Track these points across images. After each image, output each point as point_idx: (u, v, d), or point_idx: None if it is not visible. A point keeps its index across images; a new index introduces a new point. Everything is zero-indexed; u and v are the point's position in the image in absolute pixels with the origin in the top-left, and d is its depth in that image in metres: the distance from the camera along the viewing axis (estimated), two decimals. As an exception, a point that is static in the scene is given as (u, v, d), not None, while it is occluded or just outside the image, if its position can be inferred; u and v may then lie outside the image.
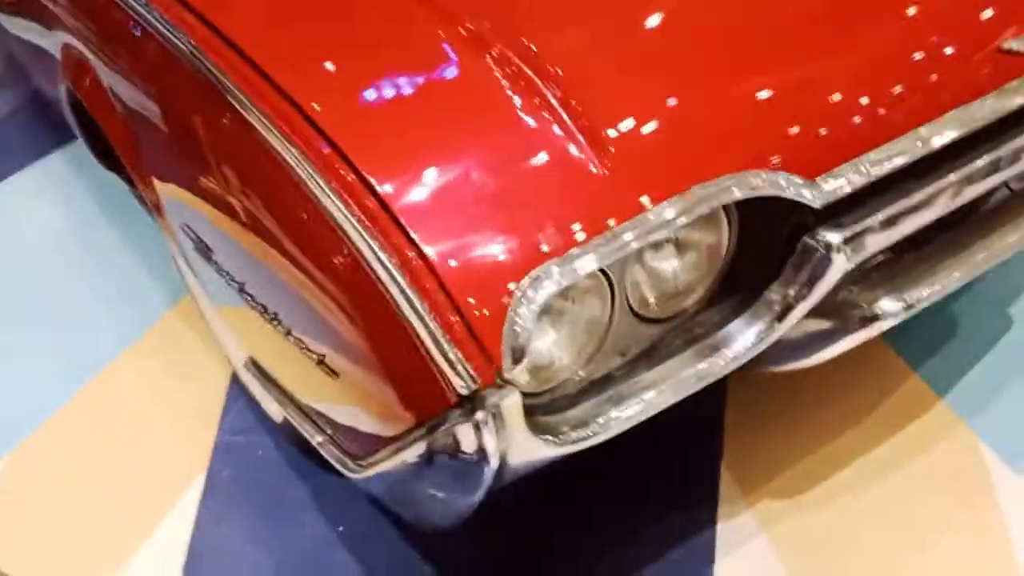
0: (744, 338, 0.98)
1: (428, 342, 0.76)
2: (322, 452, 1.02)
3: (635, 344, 1.00)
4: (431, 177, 0.83)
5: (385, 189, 0.81)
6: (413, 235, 0.79)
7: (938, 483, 1.49)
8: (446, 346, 0.76)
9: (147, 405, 1.76)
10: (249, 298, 0.98)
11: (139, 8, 1.04)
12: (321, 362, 0.90)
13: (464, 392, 0.76)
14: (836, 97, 0.95)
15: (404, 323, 0.77)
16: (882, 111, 0.97)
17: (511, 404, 0.80)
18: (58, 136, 2.30)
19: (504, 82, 0.87)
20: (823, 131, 0.94)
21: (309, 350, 0.91)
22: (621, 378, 0.97)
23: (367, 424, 0.90)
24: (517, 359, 0.79)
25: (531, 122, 0.86)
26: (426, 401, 0.79)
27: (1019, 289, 1.79)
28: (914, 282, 1.10)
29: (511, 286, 0.80)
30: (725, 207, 0.96)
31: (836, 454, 1.54)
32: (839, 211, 0.95)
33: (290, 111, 0.86)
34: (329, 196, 0.79)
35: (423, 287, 0.78)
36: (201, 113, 0.96)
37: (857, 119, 0.95)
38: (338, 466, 0.99)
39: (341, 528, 1.51)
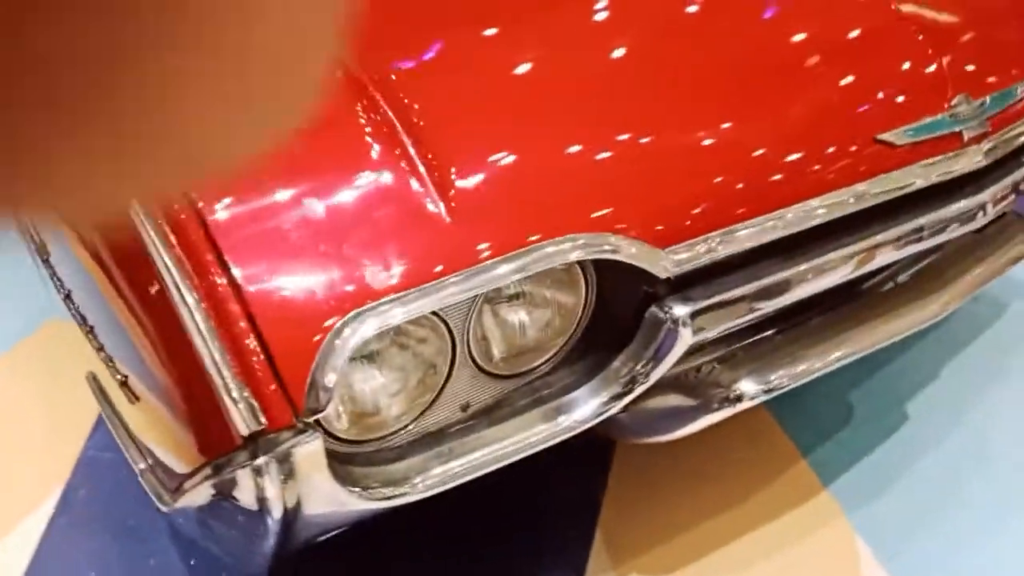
0: (587, 407, 0.94)
1: (214, 375, 0.70)
2: (141, 480, 0.95)
3: (477, 399, 0.95)
4: (259, 204, 0.78)
5: (207, 211, 0.76)
6: (226, 259, 0.74)
7: (809, 572, 1.45)
8: (230, 382, 0.70)
9: (19, 409, 1.67)
10: (73, 308, 0.92)
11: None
12: (124, 384, 0.83)
13: (245, 433, 0.71)
14: (698, 169, 0.92)
15: (197, 353, 0.71)
16: (744, 187, 0.94)
17: (308, 450, 0.74)
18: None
19: (366, 125, 0.83)
20: (680, 201, 0.91)
21: (115, 368, 0.84)
22: (456, 433, 0.92)
23: (165, 456, 0.84)
24: (321, 403, 0.73)
25: (379, 164, 0.82)
26: (214, 440, 0.73)
27: (918, 384, 1.78)
28: (779, 364, 1.07)
29: (326, 324, 0.75)
30: (583, 268, 0.93)
31: (712, 531, 1.50)
32: (693, 283, 0.92)
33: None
34: (138, 211, 0.74)
35: (227, 315, 0.72)
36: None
37: (718, 193, 0.92)
38: (153, 497, 0.92)
39: (193, 562, 1.43)
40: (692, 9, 1.08)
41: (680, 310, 0.91)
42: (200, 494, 0.77)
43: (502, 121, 0.89)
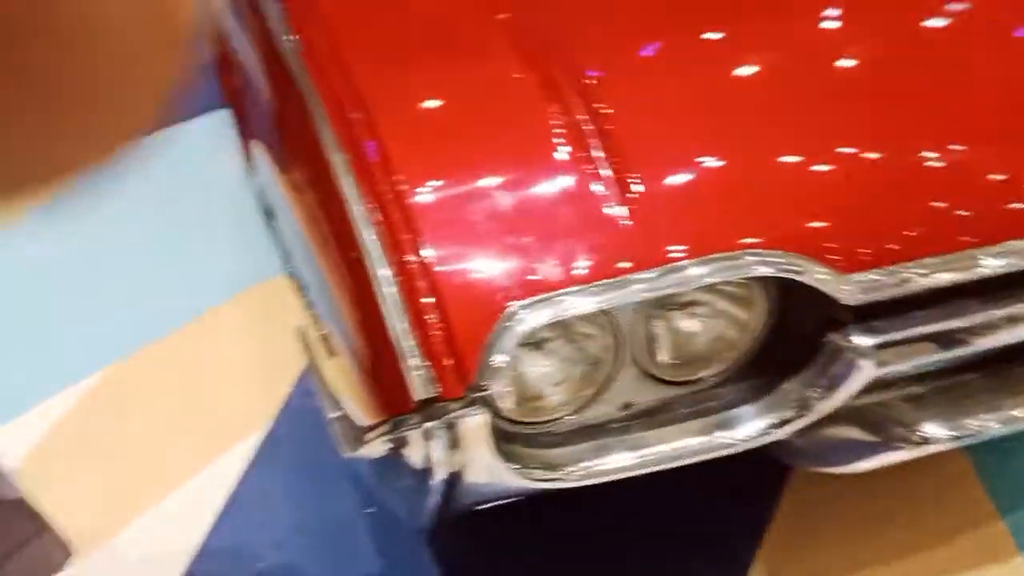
0: (751, 426, 0.93)
1: (398, 343, 0.77)
2: (329, 427, 1.06)
3: (641, 401, 0.97)
4: (455, 190, 0.85)
5: (409, 194, 0.83)
6: (420, 239, 0.81)
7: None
8: (412, 350, 0.77)
9: (238, 351, 1.88)
10: (291, 267, 1.03)
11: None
12: (324, 339, 0.93)
13: (419, 399, 0.77)
14: (896, 196, 0.88)
15: (386, 321, 0.79)
16: (968, 216, 0.89)
17: (474, 423, 0.80)
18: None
19: (557, 126, 0.87)
20: (874, 227, 0.87)
21: (319, 324, 0.94)
22: (615, 431, 0.95)
23: (351, 409, 0.93)
24: (489, 381, 0.79)
25: (566, 164, 0.85)
26: (392, 401, 0.81)
27: None
28: (972, 410, 1.00)
29: (503, 309, 0.80)
30: (764, 285, 0.92)
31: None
32: (880, 315, 0.88)
33: (351, 104, 0.90)
34: (350, 188, 0.83)
35: (415, 290, 0.79)
36: (285, 98, 1.02)
37: (915, 223, 0.87)
38: (336, 442, 1.02)
39: (371, 510, 1.55)
40: (930, 23, 1.02)
41: (862, 341, 0.88)
42: (376, 447, 0.85)
43: (693, 132, 0.90)
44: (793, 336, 0.95)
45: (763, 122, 0.92)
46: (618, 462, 0.91)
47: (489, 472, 0.85)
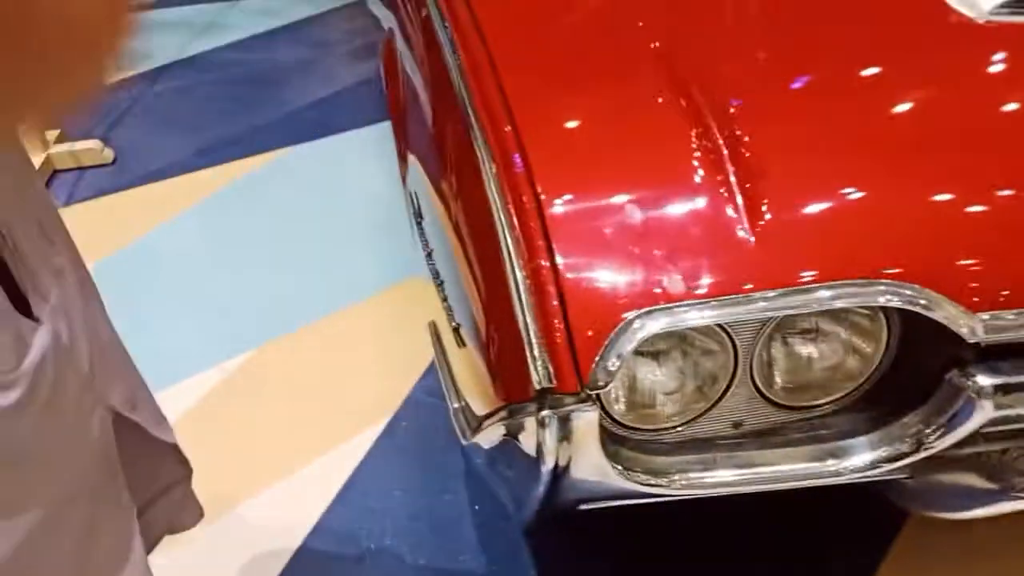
0: (862, 457, 0.93)
1: (524, 336, 0.83)
2: (452, 417, 1.12)
3: (752, 420, 0.99)
4: (590, 203, 0.90)
5: (547, 203, 0.89)
6: (553, 246, 0.87)
7: None
8: (536, 343, 0.82)
9: (370, 347, 2.00)
10: (431, 264, 1.11)
11: (435, 16, 1.21)
12: (456, 330, 1.00)
13: (538, 387, 0.82)
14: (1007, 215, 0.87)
15: (515, 316, 0.85)
16: None
17: (585, 418, 0.84)
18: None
19: (696, 149, 0.92)
20: (1009, 269, 0.86)
21: (452, 316, 1.01)
22: (724, 447, 0.97)
23: (472, 400, 0.99)
24: (603, 381, 0.83)
25: (701, 186, 0.89)
26: (513, 390, 0.86)
27: None
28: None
29: (623, 316, 0.84)
30: (887, 317, 0.92)
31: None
32: (1005, 356, 0.87)
33: (504, 119, 0.97)
34: (495, 193, 0.90)
35: (544, 292, 0.85)
36: (445, 111, 1.11)
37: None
38: (457, 431, 1.09)
39: (477, 507, 1.62)
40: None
41: (984, 380, 0.87)
42: (493, 433, 0.90)
43: (830, 163, 0.92)
44: (914, 371, 0.95)
45: (904, 159, 0.93)
46: (722, 477, 0.93)
47: (594, 468, 0.89)
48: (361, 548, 1.57)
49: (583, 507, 1.05)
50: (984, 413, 0.88)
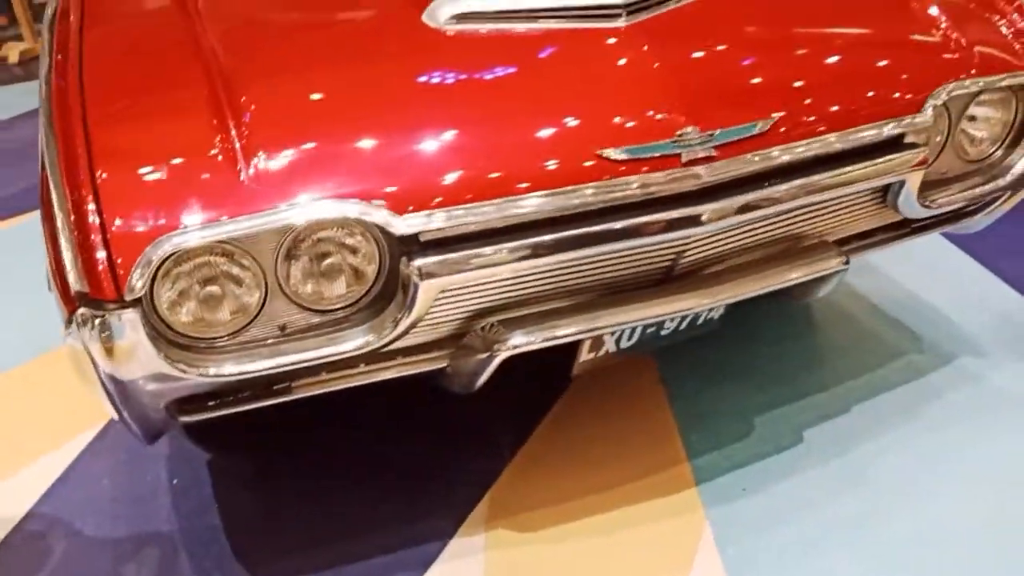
0: (359, 340, 1.26)
1: (70, 252, 1.10)
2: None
3: (293, 323, 1.29)
4: (134, 158, 1.18)
5: (98, 163, 1.16)
6: (96, 173, 1.13)
7: (655, 543, 1.64)
8: (78, 258, 1.09)
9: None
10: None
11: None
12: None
13: (77, 292, 1.09)
14: (442, 159, 1.23)
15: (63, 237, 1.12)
16: (473, 175, 1.22)
17: (127, 320, 1.12)
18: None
19: (212, 118, 1.23)
20: (421, 180, 1.21)
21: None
22: (269, 345, 1.27)
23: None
24: (134, 293, 1.10)
25: (213, 142, 1.20)
26: (69, 301, 1.12)
27: (823, 417, 1.93)
28: (545, 325, 1.34)
29: (151, 239, 1.12)
30: (375, 237, 1.26)
31: (585, 507, 1.74)
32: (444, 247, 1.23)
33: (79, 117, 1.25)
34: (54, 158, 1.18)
35: (83, 214, 1.10)
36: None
37: (455, 174, 1.22)
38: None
39: (175, 481, 1.85)
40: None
41: (417, 262, 1.22)
42: (70, 341, 1.14)
43: (310, 128, 1.25)
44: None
45: (372, 121, 1.28)
46: (259, 366, 1.23)
47: (151, 368, 1.16)
48: (72, 530, 1.75)
49: (185, 419, 1.32)
50: (426, 289, 1.22)
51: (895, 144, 1.46)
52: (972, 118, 1.62)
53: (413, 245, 1.24)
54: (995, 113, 1.62)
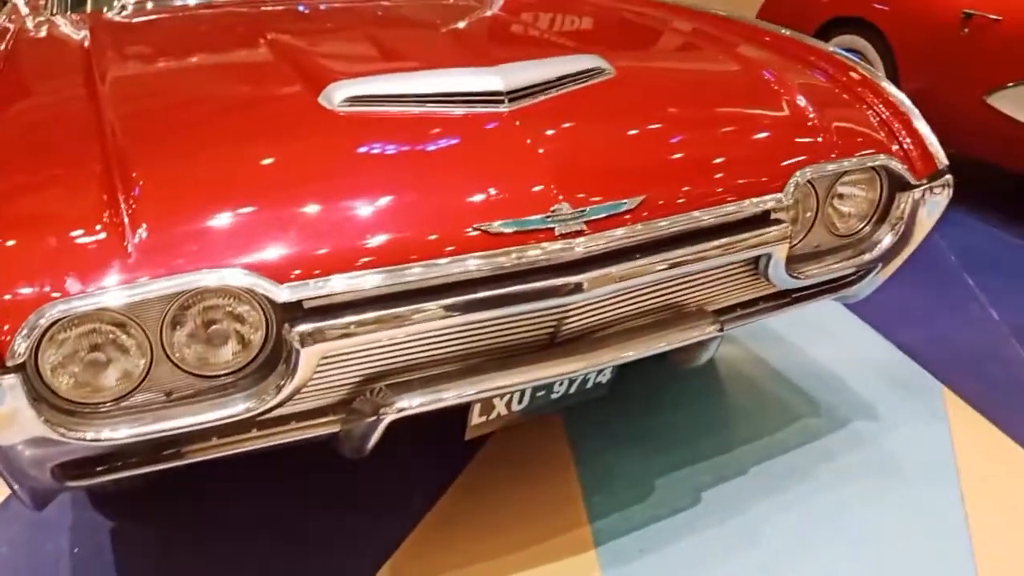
0: (241, 406, 1.29)
1: None
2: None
3: (179, 389, 1.33)
4: (26, 215, 1.23)
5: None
6: None
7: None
8: None
9: None
10: None
11: None
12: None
13: None
14: (331, 222, 1.30)
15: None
16: (354, 245, 1.28)
17: (6, 384, 1.13)
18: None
19: (102, 192, 1.29)
20: (307, 246, 1.27)
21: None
22: (154, 410, 1.30)
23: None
24: (16, 360, 1.14)
25: (102, 215, 1.26)
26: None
27: (721, 479, 2.00)
28: (430, 389, 1.40)
29: (35, 307, 1.17)
30: (261, 306, 1.32)
31: (486, 573, 1.77)
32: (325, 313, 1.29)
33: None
34: None
35: None
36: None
37: (339, 243, 1.28)
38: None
39: (76, 550, 1.84)
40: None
41: (298, 329, 1.27)
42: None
43: (197, 201, 1.31)
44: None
45: (258, 191, 1.35)
46: (138, 430, 1.26)
47: (28, 428, 1.18)
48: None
49: (72, 484, 1.33)
50: (306, 357, 1.27)
51: (760, 220, 1.56)
52: (840, 195, 1.75)
53: (297, 312, 1.29)
54: (861, 192, 1.75)
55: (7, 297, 1.16)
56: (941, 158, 1.76)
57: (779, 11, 4.44)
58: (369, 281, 1.29)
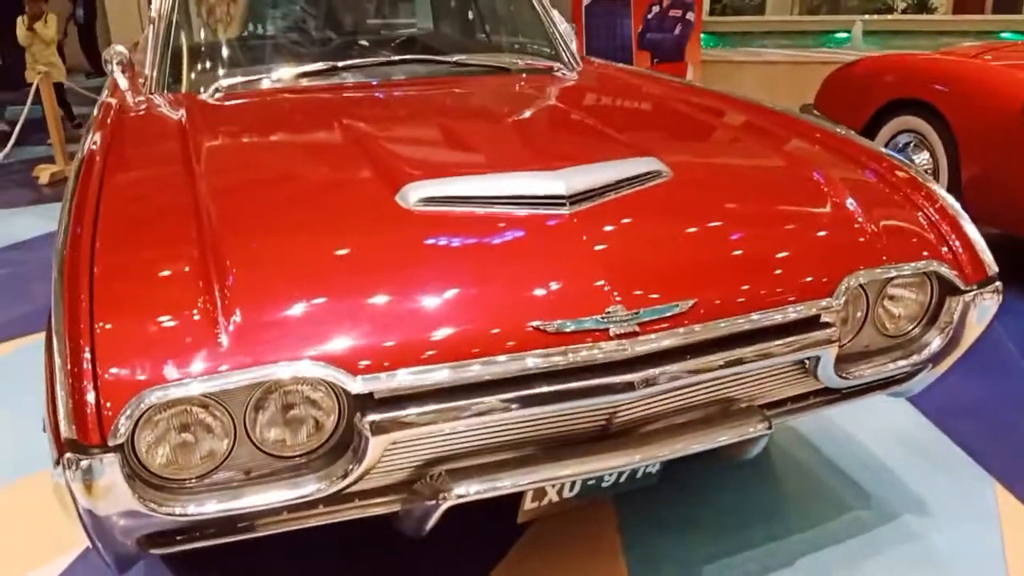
0: (312, 487, 1.40)
1: (60, 398, 1.27)
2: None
3: (258, 467, 1.45)
4: (131, 299, 1.38)
5: (99, 316, 1.35)
6: (96, 323, 1.31)
7: None
8: (67, 404, 1.25)
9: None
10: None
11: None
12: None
13: (66, 438, 1.26)
14: (401, 317, 1.41)
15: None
16: (424, 341, 1.40)
17: (108, 464, 1.27)
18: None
19: (199, 281, 1.43)
20: (379, 341, 1.39)
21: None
22: (233, 487, 1.42)
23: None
24: (117, 440, 1.27)
25: (196, 304, 1.40)
26: (59, 446, 1.29)
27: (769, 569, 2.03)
28: (486, 477, 1.49)
29: (138, 390, 1.30)
30: (335, 392, 1.43)
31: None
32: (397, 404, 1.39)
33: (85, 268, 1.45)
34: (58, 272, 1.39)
35: (79, 361, 1.28)
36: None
37: (409, 338, 1.39)
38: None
39: None
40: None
41: (369, 418, 1.38)
42: (56, 481, 1.30)
43: (285, 291, 1.45)
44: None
45: (333, 282, 1.48)
46: (220, 507, 1.37)
47: (125, 507, 1.31)
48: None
49: (155, 551, 1.45)
50: (375, 445, 1.37)
51: (810, 323, 1.63)
52: (891, 297, 1.80)
53: (368, 401, 1.40)
54: (911, 295, 1.80)
55: (111, 379, 1.29)
56: (991, 264, 1.81)
57: (839, 93, 4.50)
58: (434, 377, 1.39)
